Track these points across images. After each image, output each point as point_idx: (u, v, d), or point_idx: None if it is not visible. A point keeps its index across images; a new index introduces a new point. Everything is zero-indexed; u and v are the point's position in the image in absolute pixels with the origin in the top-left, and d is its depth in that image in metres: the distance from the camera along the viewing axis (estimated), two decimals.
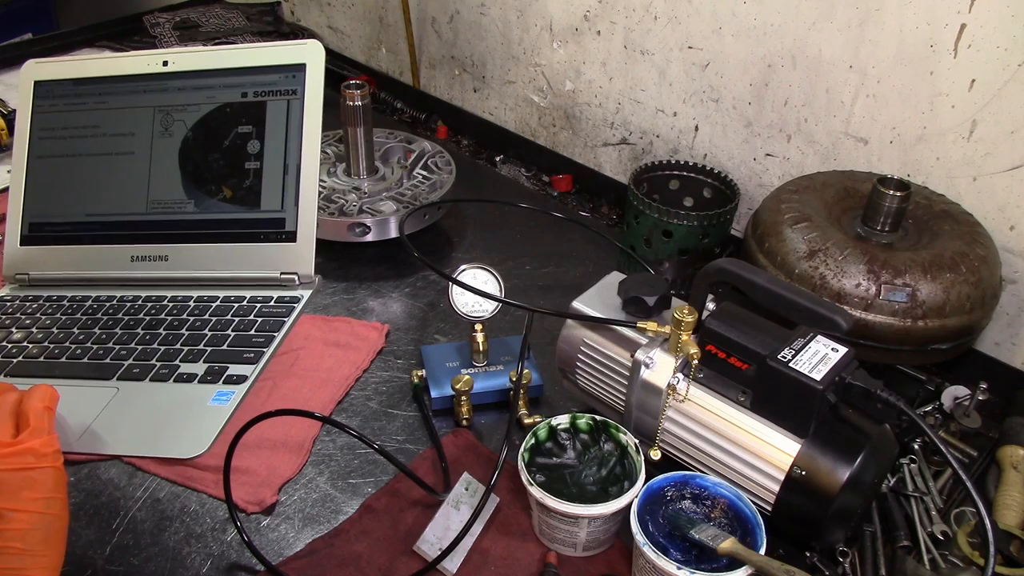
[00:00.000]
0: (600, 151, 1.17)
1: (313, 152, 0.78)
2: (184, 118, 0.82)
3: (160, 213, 0.82)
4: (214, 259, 0.81)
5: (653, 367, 0.65)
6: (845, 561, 0.62)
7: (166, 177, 0.82)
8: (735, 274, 0.63)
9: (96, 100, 0.83)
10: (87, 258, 0.83)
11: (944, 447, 0.56)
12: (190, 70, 0.81)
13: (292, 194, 0.79)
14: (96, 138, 0.83)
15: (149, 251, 0.83)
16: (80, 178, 0.83)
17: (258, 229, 0.80)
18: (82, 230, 0.83)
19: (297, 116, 0.79)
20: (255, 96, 0.80)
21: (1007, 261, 0.80)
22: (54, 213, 0.84)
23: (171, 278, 0.82)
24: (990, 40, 0.75)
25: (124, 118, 0.83)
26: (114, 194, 0.83)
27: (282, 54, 0.80)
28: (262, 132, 0.80)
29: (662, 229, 0.90)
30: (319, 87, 0.79)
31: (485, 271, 0.78)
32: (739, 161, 1.00)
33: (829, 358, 0.59)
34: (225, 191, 0.80)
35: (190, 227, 0.82)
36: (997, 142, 0.78)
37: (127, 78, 0.82)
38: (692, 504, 0.62)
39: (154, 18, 1.50)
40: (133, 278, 0.83)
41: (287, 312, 0.77)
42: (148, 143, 0.82)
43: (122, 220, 0.83)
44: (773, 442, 0.60)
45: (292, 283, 0.79)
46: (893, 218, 0.77)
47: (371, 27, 1.44)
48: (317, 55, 0.79)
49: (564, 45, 1.13)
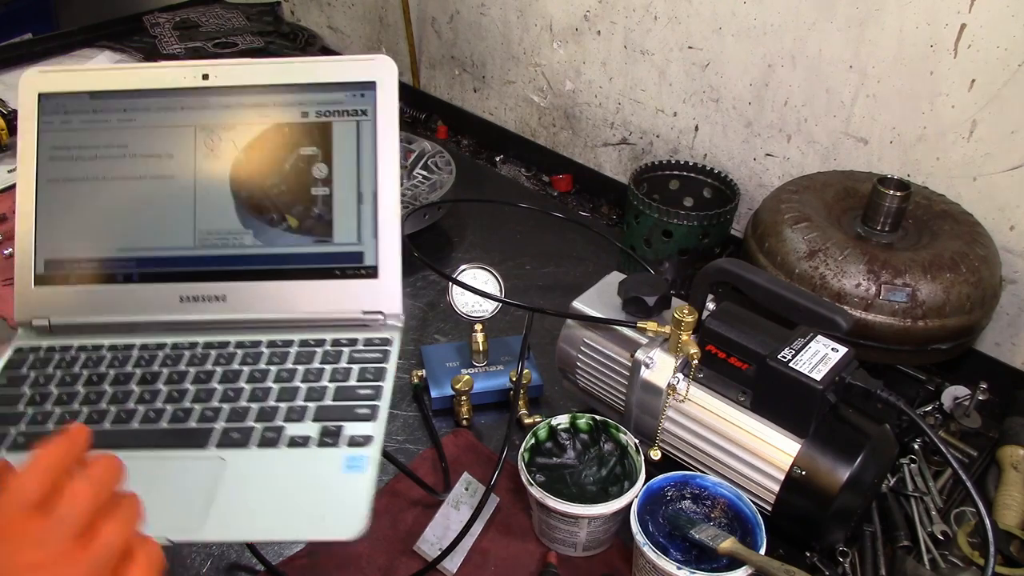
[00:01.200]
0: (600, 151, 1.17)
1: (391, 180, 0.69)
2: (233, 138, 0.71)
3: (213, 246, 0.70)
4: (282, 298, 0.70)
5: (653, 367, 0.65)
6: (845, 561, 0.63)
7: (217, 204, 0.70)
8: (735, 274, 0.63)
9: (121, 117, 0.72)
10: (124, 300, 0.70)
11: (944, 447, 0.56)
12: (236, 85, 0.71)
13: (370, 225, 0.69)
14: (125, 159, 0.71)
15: (203, 290, 0.70)
16: (108, 206, 0.71)
17: (333, 264, 0.70)
18: (115, 267, 0.70)
19: (369, 139, 0.70)
20: (318, 116, 0.71)
21: (1007, 261, 0.80)
22: (77, 247, 0.71)
23: (230, 321, 0.70)
24: (990, 40, 0.75)
25: (158, 137, 0.71)
26: (154, 224, 0.70)
27: (348, 70, 0.71)
28: (329, 155, 0.70)
29: (662, 229, 0.90)
30: (393, 108, 0.70)
31: (485, 271, 0.78)
32: (739, 161, 1.00)
33: (829, 358, 0.59)
34: (290, 220, 0.70)
35: (251, 262, 0.70)
36: (997, 142, 0.78)
37: (158, 92, 0.71)
38: (692, 504, 0.62)
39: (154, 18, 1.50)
40: (183, 322, 0.70)
41: (383, 356, 0.67)
42: (191, 165, 0.71)
43: (167, 255, 0.70)
44: (773, 442, 0.60)
45: (377, 323, 0.69)
46: (893, 218, 0.77)
47: (371, 27, 1.44)
48: (389, 72, 0.70)
49: (564, 45, 1.13)
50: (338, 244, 0.70)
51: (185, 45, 1.40)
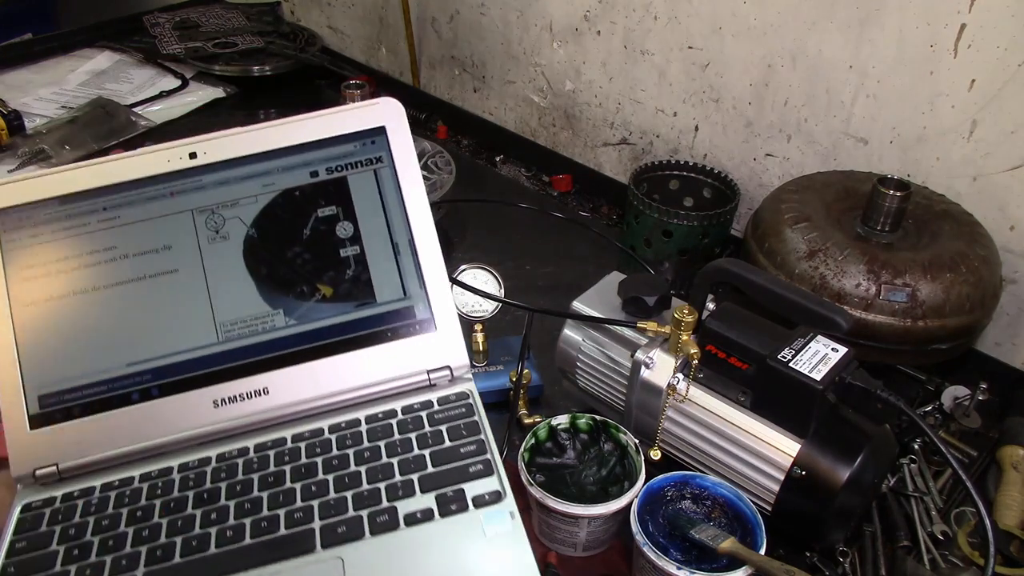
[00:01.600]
0: (600, 151, 1.17)
1: (425, 222, 0.65)
2: (238, 214, 0.64)
3: (241, 336, 0.63)
4: (333, 377, 0.63)
5: (653, 367, 0.65)
6: (845, 561, 0.63)
7: (235, 290, 0.63)
8: (735, 274, 0.63)
9: (102, 217, 0.63)
10: (146, 420, 0.61)
11: (944, 447, 0.56)
12: (229, 159, 0.65)
13: (413, 275, 0.64)
14: (115, 263, 0.63)
15: (239, 388, 0.62)
16: (105, 318, 0.62)
17: (383, 326, 0.64)
18: (128, 385, 0.61)
19: (391, 185, 0.65)
20: (329, 173, 0.65)
21: (1007, 261, 0.80)
22: (76, 373, 0.61)
23: (278, 416, 0.62)
24: (990, 40, 0.75)
25: (151, 231, 0.63)
26: (165, 327, 0.62)
27: (352, 120, 0.66)
28: (351, 211, 0.65)
29: (662, 229, 0.90)
30: (409, 149, 0.66)
31: (485, 271, 0.78)
32: (739, 161, 1.00)
33: (829, 358, 0.59)
34: (322, 289, 0.64)
35: (288, 344, 0.63)
36: (997, 142, 0.78)
37: (141, 182, 0.64)
38: (692, 504, 0.62)
39: (154, 18, 1.50)
40: (223, 430, 0.61)
41: (468, 410, 0.61)
42: (196, 253, 0.63)
43: (188, 359, 0.62)
44: (773, 442, 0.60)
45: (445, 379, 0.64)
46: (893, 218, 0.77)
47: (371, 27, 1.44)
48: (396, 113, 0.66)
49: (564, 45, 1.13)
50: (383, 304, 0.64)
51: (185, 45, 1.41)
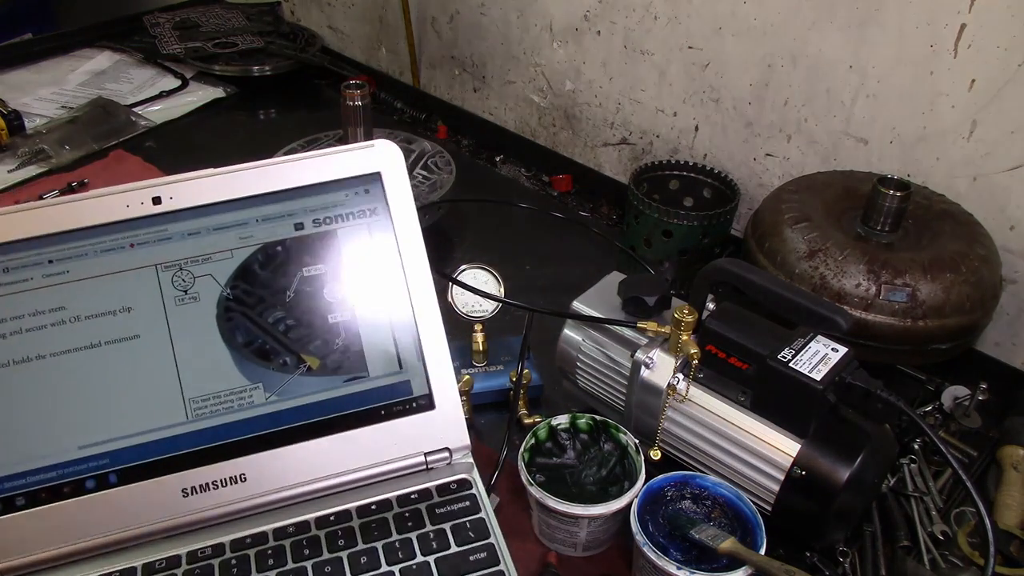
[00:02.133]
0: (600, 151, 1.17)
1: (424, 284, 0.57)
2: (211, 271, 0.55)
3: (213, 415, 0.55)
4: (320, 461, 0.56)
5: (653, 367, 0.65)
6: (845, 561, 0.63)
7: (207, 360, 0.55)
8: (735, 274, 0.63)
9: (47, 271, 0.53)
10: (104, 512, 0.53)
11: (944, 447, 0.56)
12: (200, 205, 0.55)
13: (411, 346, 0.57)
14: (64, 327, 0.53)
15: (212, 474, 0.54)
16: (52, 393, 0.53)
17: (375, 403, 0.57)
18: (81, 472, 0.53)
19: (387, 241, 0.58)
20: (316, 225, 0.57)
21: (1007, 261, 0.80)
22: (17, 458, 0.53)
23: (258, 505, 0.55)
24: (990, 40, 0.75)
25: (107, 289, 0.54)
26: (124, 404, 0.54)
27: (342, 165, 0.57)
28: (341, 271, 0.57)
29: (662, 229, 0.90)
30: (407, 199, 0.59)
31: (485, 271, 0.78)
32: (739, 161, 1.00)
33: (829, 358, 0.59)
34: (308, 360, 0.56)
35: (268, 424, 0.56)
36: (997, 142, 0.78)
37: (95, 230, 0.54)
38: (692, 504, 0.62)
39: (154, 18, 1.50)
40: (194, 522, 0.54)
41: (473, 505, 0.55)
42: (161, 317, 0.55)
43: (151, 441, 0.54)
44: (773, 442, 0.60)
45: (443, 462, 0.58)
46: (893, 218, 0.77)
47: (371, 27, 1.44)
48: (393, 157, 0.58)
49: (564, 45, 1.13)
50: (376, 378, 0.57)
51: (185, 45, 1.41)
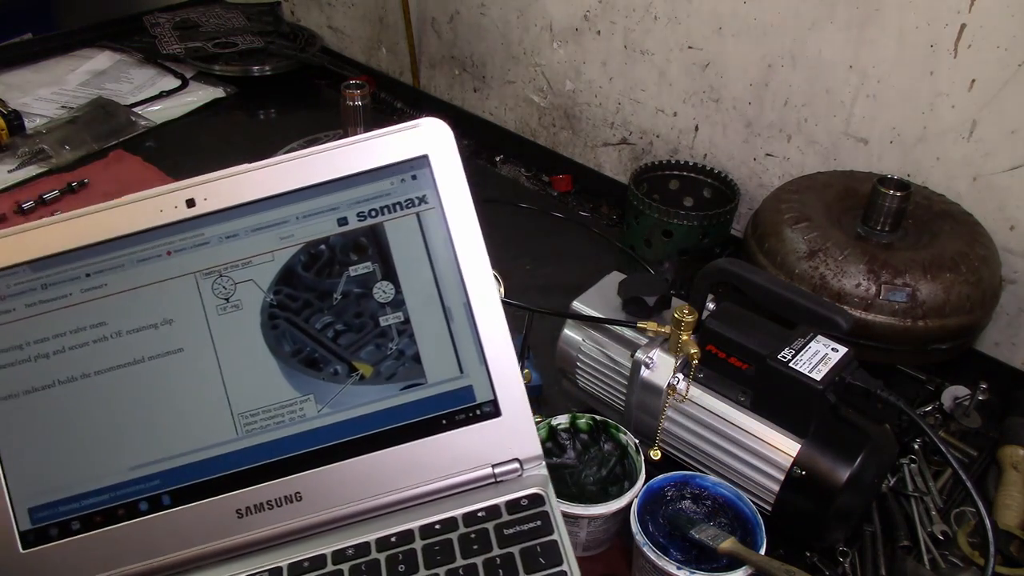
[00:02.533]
0: (600, 151, 1.17)
1: (483, 279, 0.53)
2: (252, 276, 0.52)
3: (264, 430, 0.52)
4: (377, 477, 0.52)
5: (653, 367, 0.65)
6: (845, 561, 0.63)
7: (254, 372, 0.52)
8: (735, 274, 0.63)
9: (85, 286, 0.52)
10: (157, 535, 0.51)
11: (944, 447, 0.56)
12: (235, 205, 0.52)
13: (471, 347, 0.53)
14: (106, 343, 0.52)
15: (267, 494, 0.51)
16: (99, 412, 0.52)
17: (435, 412, 0.53)
18: (133, 493, 0.52)
19: (440, 233, 0.53)
20: (360, 219, 0.52)
21: (1007, 261, 0.80)
22: (69, 481, 0.51)
23: (314, 524, 0.52)
24: (990, 40, 0.75)
25: (147, 301, 0.52)
26: (172, 421, 0.52)
27: (386, 150, 0.52)
28: (390, 268, 0.53)
29: (662, 229, 0.90)
30: (460, 184, 0.54)
31: None
32: (739, 161, 1.00)
33: (829, 358, 0.59)
34: (360, 368, 0.52)
35: (321, 438, 0.52)
36: (997, 142, 0.78)
37: (129, 239, 0.52)
38: (692, 504, 0.61)
39: (154, 18, 1.49)
40: (249, 543, 0.51)
41: (544, 525, 0.50)
42: (204, 328, 0.52)
43: (202, 459, 0.52)
44: (773, 442, 0.60)
45: (514, 473, 0.52)
46: (893, 218, 0.77)
47: (371, 27, 1.44)
48: (442, 137, 0.55)
49: (564, 45, 1.13)
50: (435, 384, 0.53)
51: (185, 45, 1.41)
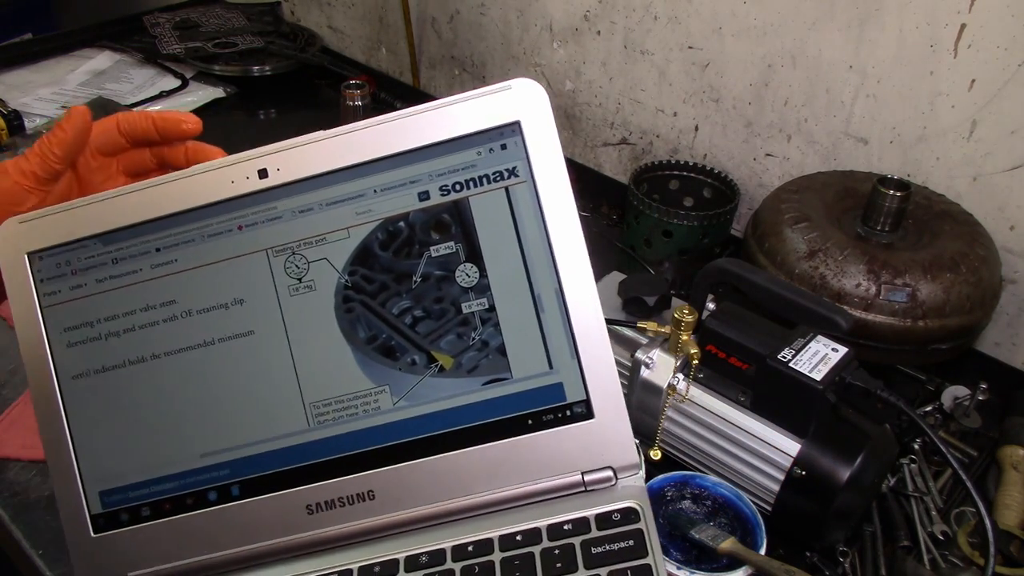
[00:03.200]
0: (600, 151, 1.17)
1: (578, 263, 0.47)
2: (327, 254, 0.48)
3: (336, 421, 0.49)
4: (455, 478, 0.48)
5: (653, 367, 0.65)
6: (845, 561, 0.62)
7: (326, 359, 0.49)
8: (735, 274, 0.63)
9: (155, 261, 0.49)
10: (226, 527, 0.50)
11: (944, 447, 0.56)
12: (310, 176, 0.48)
13: (563, 341, 0.48)
14: (176, 322, 0.49)
15: (339, 491, 0.49)
16: (169, 395, 0.50)
17: (520, 411, 0.48)
18: (203, 482, 0.50)
19: (531, 210, 0.47)
20: (443, 194, 0.48)
21: (1007, 261, 0.80)
22: (140, 465, 0.50)
23: (387, 525, 0.49)
24: (990, 40, 0.75)
25: (218, 279, 0.49)
26: (242, 408, 0.49)
27: (474, 116, 0.47)
28: (475, 249, 0.48)
29: (662, 229, 0.90)
30: (555, 154, 0.47)
31: None
32: (739, 161, 1.00)
33: (829, 358, 0.59)
34: (440, 358, 0.48)
35: (397, 433, 0.49)
36: (997, 142, 0.78)
37: (199, 211, 0.49)
38: (692, 504, 0.62)
39: (154, 18, 1.49)
40: (319, 541, 0.49)
41: (639, 544, 0.45)
42: (275, 309, 0.49)
43: (272, 450, 0.49)
44: (773, 442, 0.60)
45: (606, 482, 0.48)
46: (893, 218, 0.77)
47: (371, 27, 1.44)
48: (536, 102, 0.48)
49: (564, 45, 1.13)
50: (521, 380, 0.48)
51: (185, 45, 1.41)
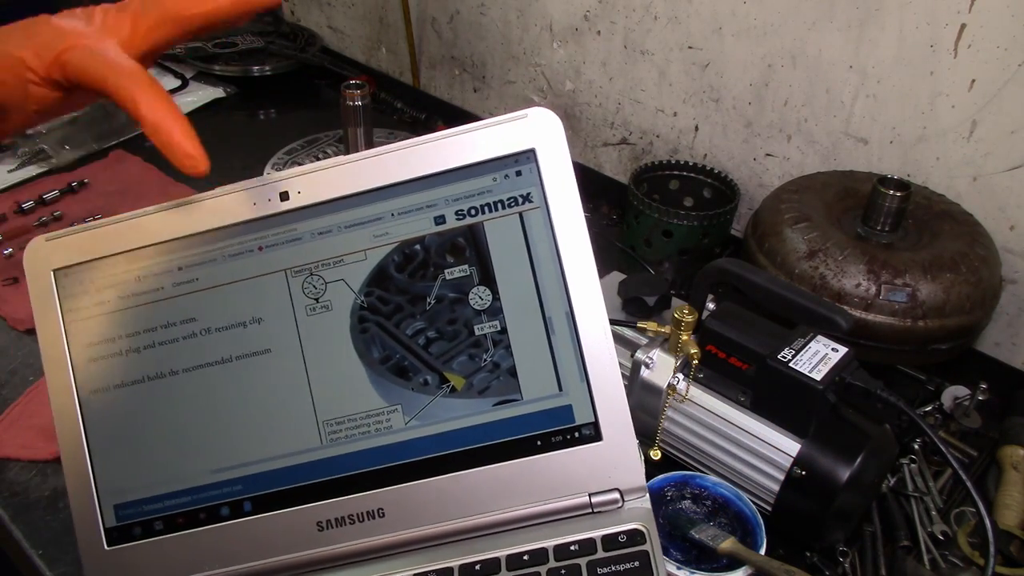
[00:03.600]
0: (600, 151, 1.17)
1: (589, 288, 0.48)
2: (344, 276, 0.50)
3: (349, 439, 0.50)
4: (465, 497, 0.49)
5: (653, 367, 0.65)
6: (845, 561, 0.62)
7: (341, 377, 0.50)
8: (735, 274, 0.63)
9: (177, 280, 0.51)
10: (237, 542, 0.51)
11: (944, 447, 0.56)
12: (330, 199, 0.50)
13: (573, 364, 0.49)
14: (196, 339, 0.51)
15: (349, 508, 0.50)
16: (186, 411, 0.51)
17: (530, 432, 0.49)
18: (215, 497, 0.51)
19: (544, 236, 0.49)
20: (459, 218, 0.49)
21: (1007, 261, 0.80)
22: (155, 479, 0.51)
23: (396, 543, 0.50)
24: (990, 40, 0.75)
25: (238, 298, 0.51)
26: (257, 425, 0.51)
27: (489, 142, 0.50)
28: (489, 272, 0.49)
29: (662, 229, 0.90)
30: (568, 181, 0.49)
31: None
32: (739, 161, 1.00)
33: (829, 358, 0.59)
34: (452, 379, 0.50)
35: (408, 452, 0.50)
36: (997, 142, 0.78)
37: (221, 232, 0.50)
38: (692, 504, 0.62)
39: None
40: (328, 558, 0.50)
41: (642, 568, 0.46)
42: (292, 329, 0.50)
43: (285, 467, 0.50)
44: (773, 442, 0.60)
45: (613, 504, 0.48)
46: (893, 218, 0.77)
47: (371, 27, 1.44)
48: (551, 130, 0.51)
49: (564, 45, 1.13)
50: (531, 401, 0.49)
51: (185, 45, 1.41)
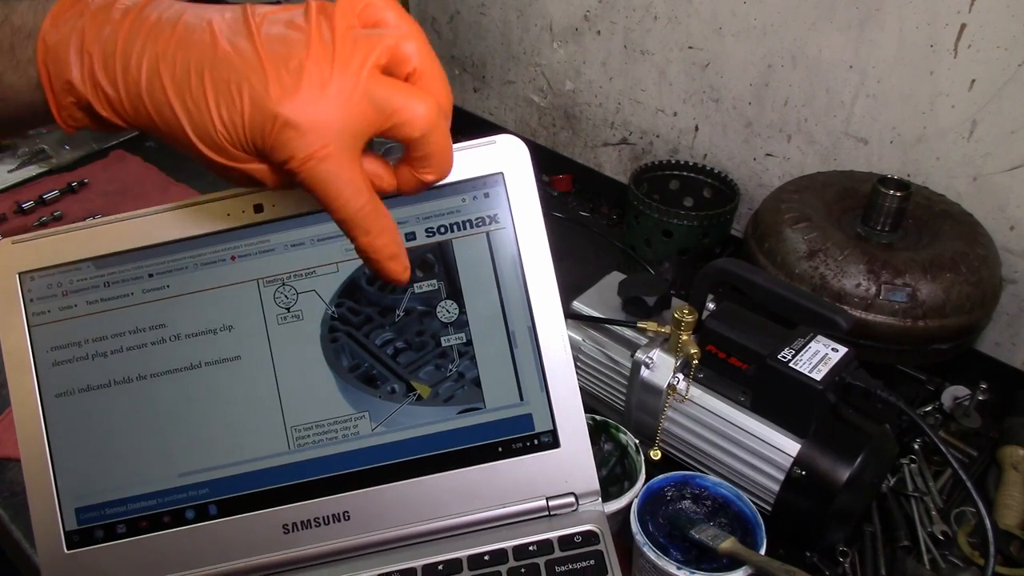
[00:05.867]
0: (600, 151, 1.17)
1: (550, 305, 0.53)
2: (315, 286, 0.51)
3: (316, 445, 0.51)
4: (428, 501, 0.51)
5: (653, 367, 0.65)
6: (845, 561, 0.63)
7: (310, 385, 0.51)
8: (735, 274, 0.63)
9: (148, 286, 0.51)
10: (201, 544, 0.51)
11: (944, 447, 0.56)
12: (304, 213, 0.51)
13: (533, 375, 0.51)
14: (165, 345, 0.51)
15: (315, 511, 0.51)
16: (152, 416, 0.51)
17: (492, 439, 0.52)
18: (180, 501, 0.51)
19: (508, 254, 0.52)
20: (428, 235, 0.51)
21: (1007, 261, 0.80)
22: (118, 483, 0.51)
23: (361, 546, 0.51)
24: (990, 40, 0.75)
25: (209, 305, 0.51)
26: (225, 430, 0.51)
27: (461, 165, 0.50)
28: (455, 287, 0.51)
29: (662, 229, 0.90)
30: (533, 204, 0.52)
31: None
32: (739, 161, 1.00)
33: (829, 358, 0.59)
34: (418, 388, 0.52)
35: (374, 457, 0.51)
36: (997, 142, 0.78)
37: (194, 241, 0.51)
38: (692, 504, 0.61)
39: None
40: (293, 559, 0.51)
41: (598, 567, 0.48)
42: (263, 337, 0.51)
43: (252, 471, 0.51)
44: (773, 442, 0.60)
45: (569, 507, 0.51)
46: (893, 218, 0.77)
47: None
48: (518, 156, 0.51)
49: (564, 45, 1.13)
50: (494, 410, 0.52)
51: None
